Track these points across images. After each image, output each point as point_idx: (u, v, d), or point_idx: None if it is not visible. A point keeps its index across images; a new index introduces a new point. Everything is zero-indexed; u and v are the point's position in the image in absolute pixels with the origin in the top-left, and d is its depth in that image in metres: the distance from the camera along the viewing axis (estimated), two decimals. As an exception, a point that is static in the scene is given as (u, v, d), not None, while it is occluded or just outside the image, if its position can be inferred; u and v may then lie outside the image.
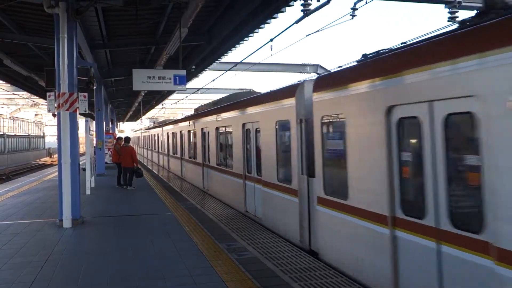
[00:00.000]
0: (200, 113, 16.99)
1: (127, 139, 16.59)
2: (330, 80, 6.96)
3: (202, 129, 15.88)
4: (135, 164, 15.72)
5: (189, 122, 18.37)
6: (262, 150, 9.63)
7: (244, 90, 19.73)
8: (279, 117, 8.62)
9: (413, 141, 4.96)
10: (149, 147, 37.22)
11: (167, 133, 25.08)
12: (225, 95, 17.74)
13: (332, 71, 7.70)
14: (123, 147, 16.05)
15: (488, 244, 3.78)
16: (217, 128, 13.81)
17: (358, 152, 5.80)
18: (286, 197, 8.36)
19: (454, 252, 4.20)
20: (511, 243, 3.55)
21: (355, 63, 6.47)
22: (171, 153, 24.13)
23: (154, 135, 32.80)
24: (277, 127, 8.80)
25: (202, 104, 21.12)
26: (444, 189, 4.38)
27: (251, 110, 10.34)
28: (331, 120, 6.83)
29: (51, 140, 61.89)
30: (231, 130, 12.07)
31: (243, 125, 10.91)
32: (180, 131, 20.64)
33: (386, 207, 5.11)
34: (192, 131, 18.00)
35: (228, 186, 12.50)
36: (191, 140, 18.42)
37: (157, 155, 31.31)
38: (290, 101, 8.10)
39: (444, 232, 4.36)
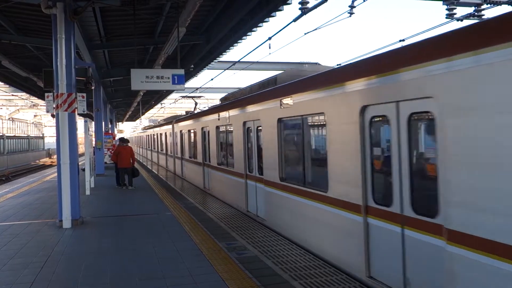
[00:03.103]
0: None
1: (125, 139, 16.70)
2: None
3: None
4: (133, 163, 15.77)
5: (222, 114, 12.95)
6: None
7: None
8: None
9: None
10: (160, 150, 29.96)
11: (182, 131, 20.20)
12: (223, 94, 17.69)
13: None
14: (121, 147, 16.05)
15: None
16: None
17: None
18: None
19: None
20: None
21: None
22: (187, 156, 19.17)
23: (162, 134, 27.73)
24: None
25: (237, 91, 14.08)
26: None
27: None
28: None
29: (50, 140, 61.84)
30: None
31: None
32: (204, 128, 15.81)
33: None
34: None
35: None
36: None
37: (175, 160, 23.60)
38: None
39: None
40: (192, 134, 17.93)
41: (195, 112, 21.39)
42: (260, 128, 9.67)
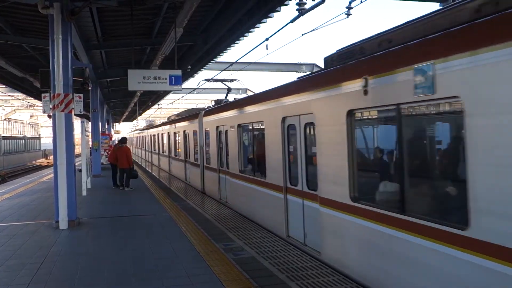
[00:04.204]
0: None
1: (123, 139, 16.65)
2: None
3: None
4: (130, 165, 15.69)
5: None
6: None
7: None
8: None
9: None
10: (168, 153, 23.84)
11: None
12: (223, 95, 17.64)
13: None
14: (119, 147, 16.04)
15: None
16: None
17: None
18: None
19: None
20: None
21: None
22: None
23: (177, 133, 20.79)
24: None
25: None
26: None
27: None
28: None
29: (46, 141, 61.63)
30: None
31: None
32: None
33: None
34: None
35: None
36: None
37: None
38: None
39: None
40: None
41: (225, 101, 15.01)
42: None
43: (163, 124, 27.66)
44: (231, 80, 16.84)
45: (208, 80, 16.98)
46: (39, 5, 8.92)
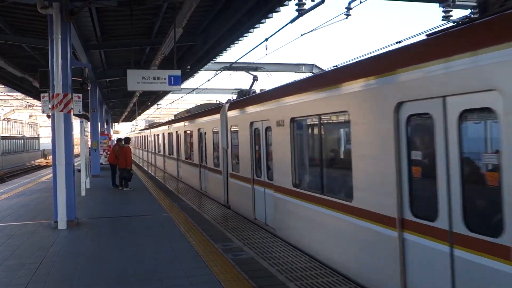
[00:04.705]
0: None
1: (127, 139, 16.63)
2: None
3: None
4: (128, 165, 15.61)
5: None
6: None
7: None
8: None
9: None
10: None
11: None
12: (221, 95, 17.53)
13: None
14: (121, 148, 16.02)
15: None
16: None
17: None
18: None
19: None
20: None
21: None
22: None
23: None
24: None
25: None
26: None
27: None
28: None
29: (45, 141, 61.57)
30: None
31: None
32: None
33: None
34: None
35: None
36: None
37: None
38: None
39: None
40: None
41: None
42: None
43: (170, 122, 24.09)
44: (255, 68, 14.03)
45: (228, 68, 14.35)
46: (38, 5, 8.90)
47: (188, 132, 17.66)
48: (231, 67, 14.12)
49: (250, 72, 13.94)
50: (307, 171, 7.91)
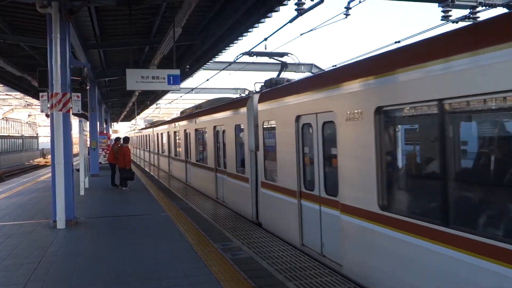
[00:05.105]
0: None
1: (126, 139, 16.60)
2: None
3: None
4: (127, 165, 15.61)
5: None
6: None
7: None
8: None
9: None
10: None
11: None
12: (221, 95, 17.56)
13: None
14: (120, 147, 16.01)
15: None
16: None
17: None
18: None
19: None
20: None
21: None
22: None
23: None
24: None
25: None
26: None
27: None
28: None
29: (44, 140, 61.50)
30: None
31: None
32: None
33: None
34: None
35: None
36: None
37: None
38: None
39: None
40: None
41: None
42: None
43: (177, 119, 21.47)
44: (281, 54, 11.89)
45: (249, 54, 11.95)
46: (37, 4, 8.89)
47: (200, 130, 15.44)
48: (251, 53, 11.90)
49: (277, 58, 11.94)
50: (408, 186, 5.46)
